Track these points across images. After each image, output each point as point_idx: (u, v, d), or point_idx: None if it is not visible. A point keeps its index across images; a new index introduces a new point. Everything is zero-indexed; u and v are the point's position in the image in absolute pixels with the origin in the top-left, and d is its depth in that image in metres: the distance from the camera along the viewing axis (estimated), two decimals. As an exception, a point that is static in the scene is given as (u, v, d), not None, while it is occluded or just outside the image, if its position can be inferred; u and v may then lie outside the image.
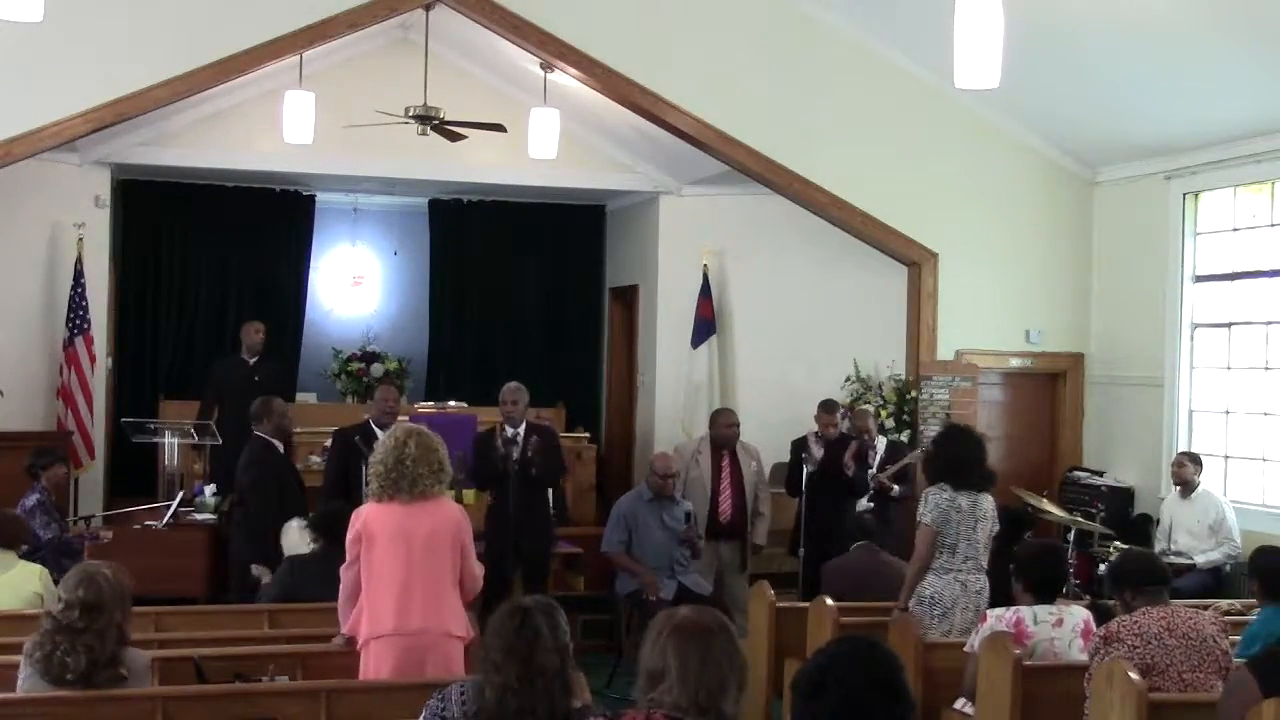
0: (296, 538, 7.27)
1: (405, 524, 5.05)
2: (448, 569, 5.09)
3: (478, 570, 5.25)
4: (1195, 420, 9.77)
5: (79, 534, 8.67)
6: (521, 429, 8.20)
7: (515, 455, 8.07)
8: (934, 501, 6.19)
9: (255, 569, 7.49)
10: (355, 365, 13.20)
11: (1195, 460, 8.96)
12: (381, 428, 8.15)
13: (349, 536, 5.15)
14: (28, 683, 4.51)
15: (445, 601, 5.08)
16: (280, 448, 8.12)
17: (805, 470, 8.68)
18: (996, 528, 6.37)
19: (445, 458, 5.17)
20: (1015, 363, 10.69)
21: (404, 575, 5.01)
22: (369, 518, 5.11)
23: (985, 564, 6.32)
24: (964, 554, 6.19)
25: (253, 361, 10.49)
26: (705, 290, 11.68)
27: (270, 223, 13.28)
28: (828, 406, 8.96)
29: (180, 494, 9.33)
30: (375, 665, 5.04)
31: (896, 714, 2.54)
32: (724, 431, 8.82)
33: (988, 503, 6.29)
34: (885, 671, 2.57)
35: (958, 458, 6.28)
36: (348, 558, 5.16)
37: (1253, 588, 6.21)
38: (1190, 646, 4.80)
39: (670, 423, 11.80)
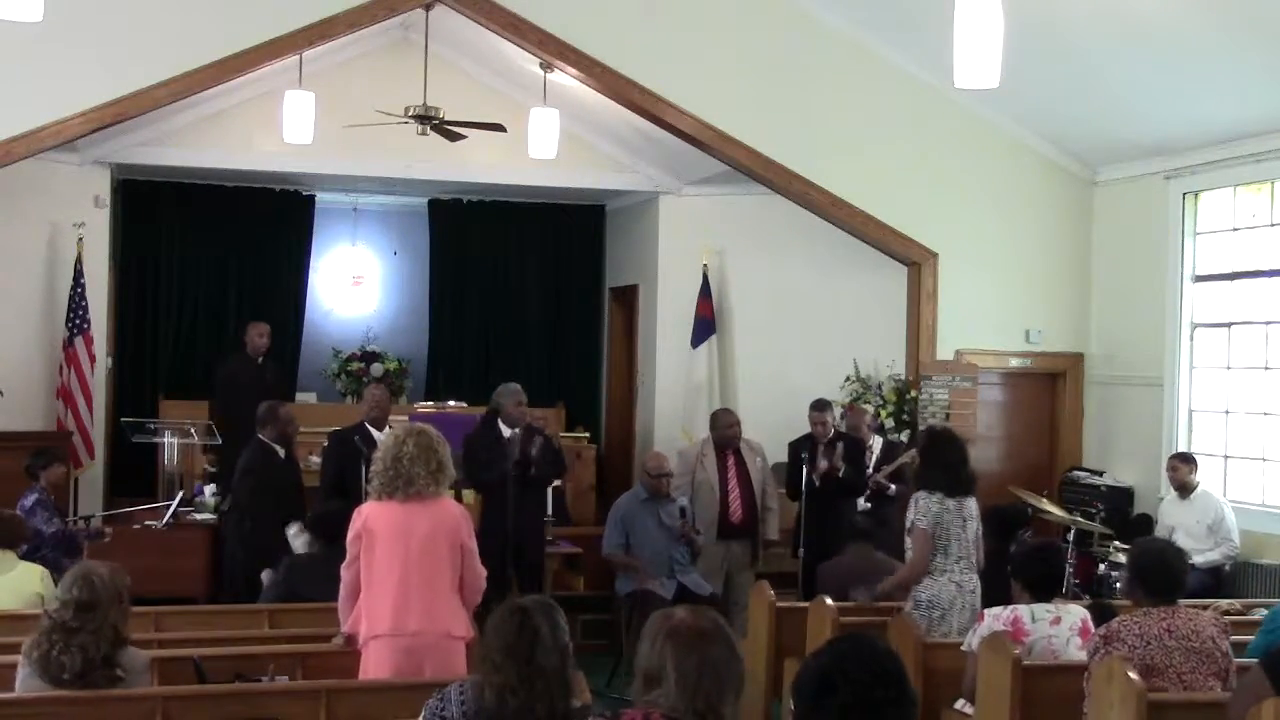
0: (292, 539, 7.25)
1: (404, 523, 5.04)
2: (447, 569, 5.08)
3: (481, 571, 5.23)
4: (1195, 420, 9.76)
5: (79, 531, 8.69)
6: (518, 430, 8.21)
7: (515, 456, 8.07)
8: (926, 506, 6.22)
9: (266, 575, 7.46)
10: (355, 365, 13.21)
11: (1189, 461, 8.94)
12: (376, 427, 8.17)
13: (349, 534, 5.15)
14: (26, 682, 4.52)
15: (444, 601, 5.07)
16: (281, 453, 8.14)
17: (805, 475, 8.65)
18: (980, 528, 6.42)
19: (446, 458, 5.15)
20: (1015, 363, 10.69)
21: (401, 575, 5.01)
22: (369, 516, 5.11)
23: (974, 562, 6.36)
24: (956, 554, 6.24)
25: (260, 361, 10.55)
26: (705, 290, 11.69)
27: (270, 223, 13.28)
28: (818, 405, 8.91)
29: (180, 494, 9.34)
30: (374, 665, 5.04)
31: (904, 708, 2.55)
32: (725, 432, 8.79)
33: (973, 503, 6.36)
34: (891, 667, 2.58)
35: (950, 463, 6.31)
36: (348, 556, 5.16)
37: None
38: (1190, 649, 4.79)
39: (670, 423, 11.81)
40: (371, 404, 8.39)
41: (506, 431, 8.19)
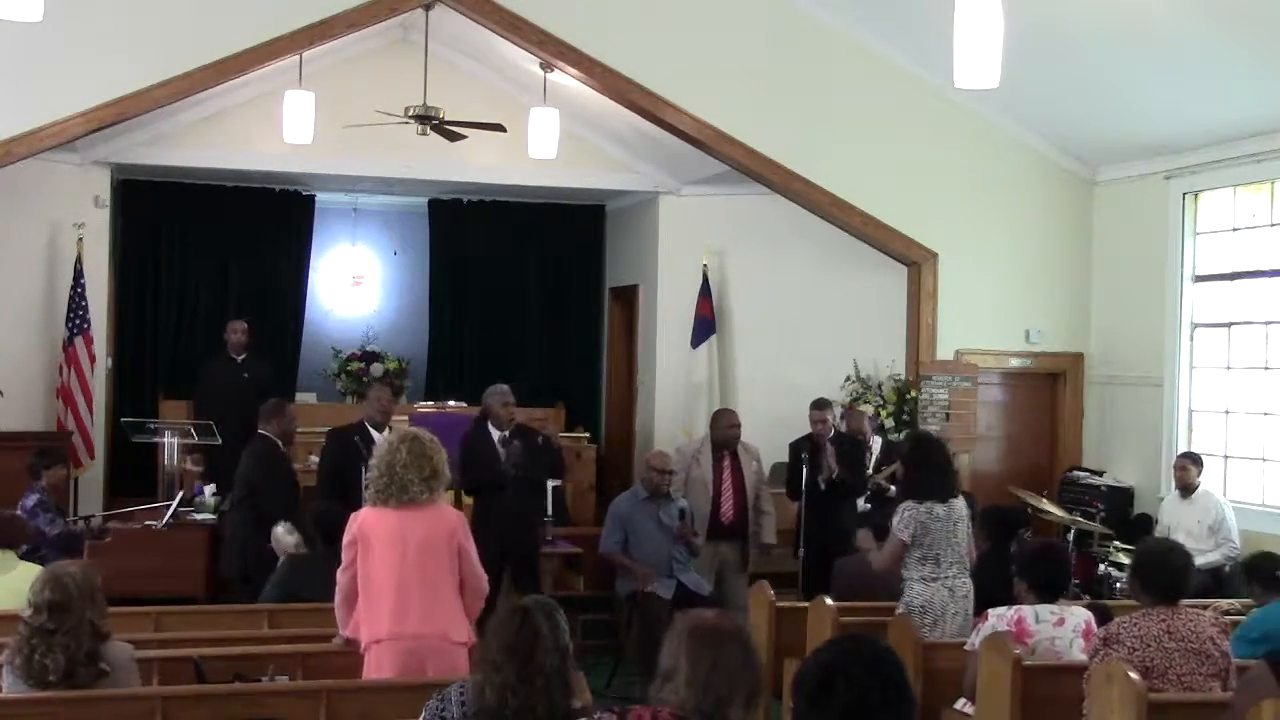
0: (281, 539, 7.21)
1: (400, 530, 5.02)
2: (445, 573, 5.06)
3: (481, 573, 5.21)
4: (1195, 420, 9.77)
5: (82, 531, 8.70)
6: (506, 431, 8.19)
7: (505, 458, 8.05)
8: (910, 517, 6.21)
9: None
10: (355, 365, 13.20)
11: (1197, 462, 8.93)
12: (376, 428, 8.15)
13: (345, 539, 5.14)
14: (12, 688, 4.50)
15: (443, 606, 5.05)
16: (282, 447, 8.14)
17: (805, 475, 8.65)
18: (970, 525, 6.43)
19: (441, 464, 5.12)
20: (1015, 363, 10.69)
21: (399, 580, 4.99)
22: (365, 522, 5.10)
23: (969, 564, 6.36)
24: (949, 560, 6.22)
25: (240, 359, 10.58)
26: (705, 290, 11.68)
27: (270, 223, 13.27)
28: (819, 404, 8.92)
29: (180, 494, 9.33)
30: (377, 669, 5.03)
31: (903, 711, 2.55)
32: (726, 432, 8.79)
33: (960, 503, 6.35)
34: (891, 669, 2.58)
35: (934, 467, 6.31)
36: (344, 561, 5.14)
37: (1253, 591, 6.28)
38: (1189, 650, 4.79)
39: (670, 423, 11.80)
40: (378, 407, 8.38)
41: (495, 433, 8.17)
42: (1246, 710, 4.21)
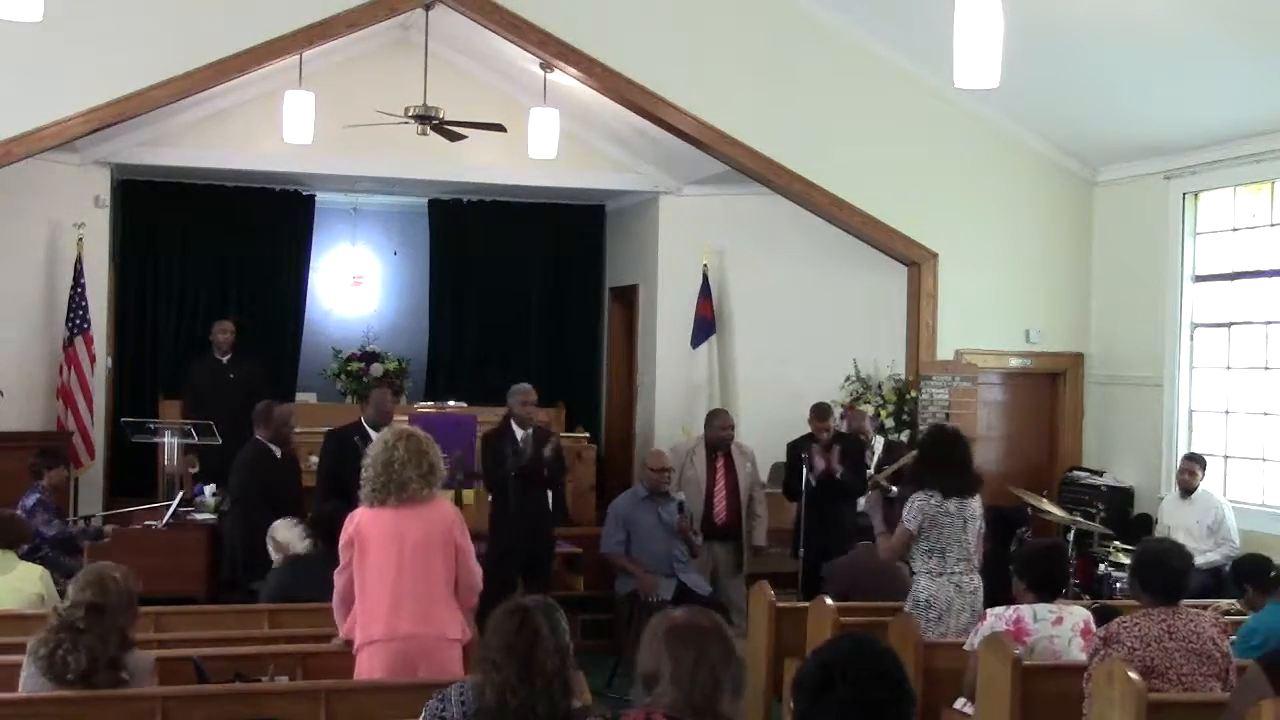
0: (285, 536, 7.19)
1: (397, 528, 5.01)
2: (441, 572, 5.05)
3: (476, 569, 5.20)
4: (1195, 420, 9.77)
5: (79, 531, 8.69)
6: (529, 431, 8.21)
7: (525, 458, 8.05)
8: (919, 507, 6.19)
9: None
10: (355, 365, 13.18)
11: (1202, 464, 8.93)
12: (375, 429, 8.14)
13: (341, 541, 5.12)
14: (30, 681, 4.52)
15: (439, 605, 5.05)
16: (278, 453, 8.12)
17: (805, 476, 8.65)
18: (984, 527, 6.39)
19: (437, 460, 5.11)
20: (1015, 363, 10.69)
21: (395, 579, 4.98)
22: (361, 522, 5.08)
23: (978, 563, 6.34)
24: (956, 556, 6.20)
25: (225, 360, 10.57)
26: (705, 290, 11.68)
27: (270, 223, 13.27)
28: (819, 412, 8.90)
29: (180, 494, 9.33)
30: (368, 670, 5.02)
31: (902, 708, 2.55)
32: (719, 433, 8.81)
33: (975, 503, 6.31)
34: (889, 666, 2.58)
35: (951, 463, 6.28)
36: (340, 562, 5.13)
37: (1246, 592, 6.29)
38: (1190, 650, 4.79)
39: (670, 423, 11.80)
40: (379, 408, 8.37)
41: (519, 433, 8.18)
42: (1244, 711, 4.21)
